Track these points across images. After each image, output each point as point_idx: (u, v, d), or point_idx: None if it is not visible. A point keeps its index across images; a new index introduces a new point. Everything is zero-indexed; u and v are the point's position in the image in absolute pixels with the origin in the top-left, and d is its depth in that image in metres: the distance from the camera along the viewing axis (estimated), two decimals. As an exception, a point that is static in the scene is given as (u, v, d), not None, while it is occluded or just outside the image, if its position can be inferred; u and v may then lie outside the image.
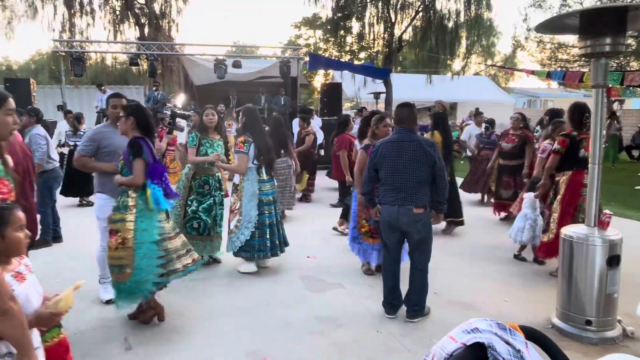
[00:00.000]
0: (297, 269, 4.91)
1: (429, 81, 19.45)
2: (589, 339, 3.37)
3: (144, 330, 3.53)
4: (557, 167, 4.69)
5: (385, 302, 3.83)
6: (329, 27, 22.80)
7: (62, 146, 8.29)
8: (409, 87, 21.37)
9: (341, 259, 5.18)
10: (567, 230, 3.60)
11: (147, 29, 19.05)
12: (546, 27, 3.58)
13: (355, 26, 20.71)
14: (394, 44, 18.92)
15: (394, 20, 18.68)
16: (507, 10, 56.37)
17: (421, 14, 18.45)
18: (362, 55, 25.28)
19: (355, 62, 22.81)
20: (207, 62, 15.36)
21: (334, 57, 24.46)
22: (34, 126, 5.59)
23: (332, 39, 26.26)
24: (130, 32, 19.56)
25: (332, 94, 14.66)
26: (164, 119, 8.77)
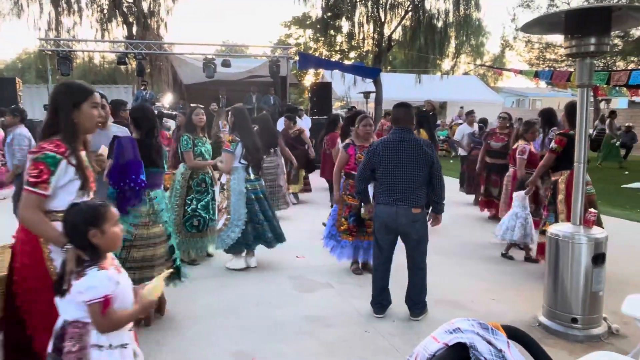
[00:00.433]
0: (286, 269, 4.90)
1: (419, 81, 19.51)
2: (575, 336, 3.40)
3: (131, 332, 3.50)
4: (553, 167, 4.65)
5: (374, 302, 3.83)
6: (319, 27, 22.75)
7: None
8: (399, 87, 21.45)
9: (330, 259, 5.16)
10: (553, 229, 3.63)
11: (135, 28, 18.90)
12: (532, 26, 3.61)
13: (345, 25, 20.73)
14: (383, 44, 18.98)
15: (383, 19, 18.73)
16: (496, 10, 57.03)
17: (410, 14, 18.51)
18: (352, 54, 25.30)
19: (345, 62, 22.83)
20: (196, 61, 15.29)
21: (324, 57, 24.44)
22: (18, 126, 5.52)
23: (322, 39, 26.21)
24: (118, 31, 19.44)
25: (322, 93, 14.65)
26: None
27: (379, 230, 3.77)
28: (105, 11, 19.23)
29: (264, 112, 7.64)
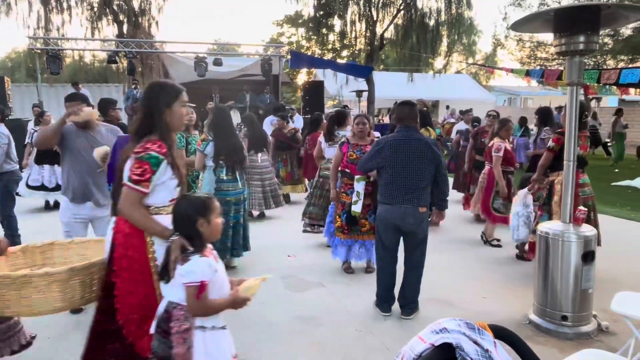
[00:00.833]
0: (278, 269, 4.87)
1: (411, 79, 19.52)
2: (565, 334, 3.42)
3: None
4: (551, 167, 4.62)
5: (381, 302, 3.82)
6: (311, 25, 22.75)
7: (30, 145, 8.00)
8: (391, 85, 21.46)
9: (322, 258, 5.17)
10: (542, 226, 3.64)
11: (126, 26, 18.74)
12: (523, 25, 3.62)
13: (337, 24, 20.70)
14: (375, 42, 18.98)
15: (375, 18, 18.73)
16: (488, 9, 57.07)
17: (402, 12, 18.54)
18: (344, 53, 25.31)
19: (337, 60, 22.82)
20: (187, 60, 15.20)
21: (316, 55, 24.43)
22: None
23: (314, 37, 26.20)
24: (108, 29, 19.23)
25: (314, 92, 14.63)
26: None
27: (386, 230, 3.73)
28: (95, 9, 19.01)
29: (249, 113, 7.60)
